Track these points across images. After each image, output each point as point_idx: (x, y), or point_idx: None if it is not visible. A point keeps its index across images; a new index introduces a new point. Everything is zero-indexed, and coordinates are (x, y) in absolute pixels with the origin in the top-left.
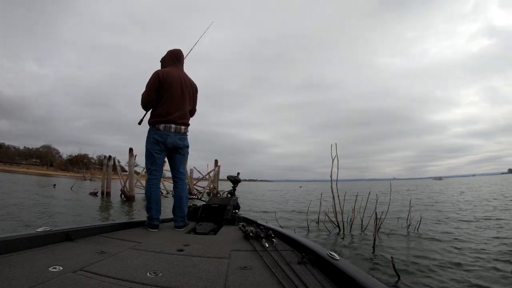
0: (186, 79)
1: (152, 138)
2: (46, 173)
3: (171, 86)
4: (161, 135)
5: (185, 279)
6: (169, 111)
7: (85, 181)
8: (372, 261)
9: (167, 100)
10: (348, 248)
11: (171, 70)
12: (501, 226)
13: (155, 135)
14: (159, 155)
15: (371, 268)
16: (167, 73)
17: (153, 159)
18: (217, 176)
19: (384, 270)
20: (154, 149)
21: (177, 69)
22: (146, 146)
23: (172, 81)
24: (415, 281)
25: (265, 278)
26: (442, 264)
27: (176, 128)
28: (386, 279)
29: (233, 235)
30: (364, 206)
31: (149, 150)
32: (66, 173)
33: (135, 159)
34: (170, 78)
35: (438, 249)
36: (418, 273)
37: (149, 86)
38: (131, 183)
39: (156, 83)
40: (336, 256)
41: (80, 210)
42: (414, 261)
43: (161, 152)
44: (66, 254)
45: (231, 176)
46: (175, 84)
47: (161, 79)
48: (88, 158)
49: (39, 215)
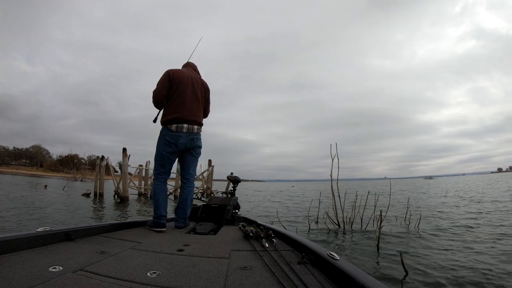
0: (197, 79)
1: (163, 139)
2: (36, 174)
3: (181, 84)
4: (173, 136)
5: (185, 279)
6: (181, 110)
7: (76, 181)
8: (377, 258)
9: (178, 99)
10: (351, 246)
11: (182, 70)
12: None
13: (166, 136)
14: (170, 157)
15: (376, 263)
16: (177, 72)
17: (163, 160)
18: (211, 177)
19: (390, 266)
20: (166, 151)
21: (188, 70)
22: (158, 147)
23: (182, 79)
24: (422, 276)
25: (265, 278)
26: (447, 260)
27: (189, 128)
28: (393, 275)
29: (233, 235)
30: (363, 204)
31: (161, 151)
32: (57, 174)
33: (128, 159)
34: (180, 77)
35: (440, 246)
36: (424, 269)
37: (159, 84)
38: (125, 183)
39: (166, 81)
40: (336, 256)
41: (78, 211)
42: (417, 257)
43: (172, 154)
44: (66, 254)
45: (231, 176)
46: (186, 83)
47: (171, 77)
48: (78, 159)
49: (35, 220)
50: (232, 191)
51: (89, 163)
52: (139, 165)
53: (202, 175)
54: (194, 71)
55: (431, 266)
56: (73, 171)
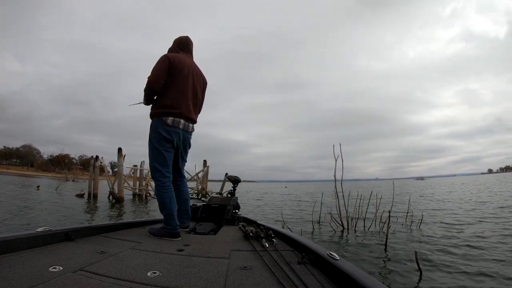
0: (197, 70)
1: (157, 133)
2: (27, 174)
3: (181, 73)
4: (169, 131)
5: (185, 279)
6: (178, 103)
7: (68, 182)
8: (386, 257)
9: (176, 89)
10: (356, 246)
11: (182, 57)
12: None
13: (162, 130)
14: (169, 153)
15: (385, 262)
16: (178, 58)
17: (162, 158)
18: (206, 177)
19: (400, 266)
20: (164, 147)
21: (187, 57)
22: (152, 143)
23: (182, 68)
24: (436, 275)
25: (265, 278)
26: (455, 259)
27: (185, 125)
28: (405, 274)
29: (233, 235)
30: (365, 204)
31: (157, 148)
32: (48, 174)
33: (124, 159)
34: (181, 65)
35: (445, 244)
36: (435, 269)
37: (157, 71)
38: (120, 184)
39: (166, 66)
40: (336, 256)
41: (74, 213)
42: (426, 256)
43: (171, 150)
44: (66, 254)
45: (232, 176)
46: (186, 73)
47: (171, 63)
48: (69, 158)
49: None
50: (232, 191)
51: (81, 163)
52: (134, 165)
53: (197, 176)
54: (190, 55)
55: (443, 265)
56: (65, 171)
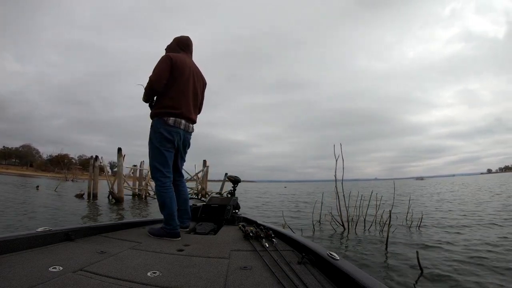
0: (197, 71)
1: (159, 133)
2: (26, 174)
3: (182, 74)
4: (170, 132)
5: (185, 279)
6: (179, 104)
7: (67, 182)
8: (386, 257)
9: (177, 90)
10: (357, 246)
11: (183, 57)
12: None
13: (163, 130)
14: (170, 153)
15: (386, 262)
16: (179, 58)
17: (163, 158)
18: (206, 177)
19: (401, 266)
20: (164, 147)
21: (187, 58)
22: (153, 143)
23: (184, 69)
24: (436, 274)
25: (265, 278)
26: (455, 258)
27: (186, 125)
28: (406, 274)
29: (233, 235)
30: (365, 205)
31: (158, 148)
32: (47, 174)
33: (123, 159)
34: (183, 65)
35: (445, 244)
36: (435, 268)
37: (159, 70)
38: (120, 184)
39: (168, 66)
40: (336, 256)
41: (74, 213)
42: (427, 256)
43: (172, 150)
44: (66, 254)
45: (232, 176)
46: (187, 73)
47: (173, 64)
48: (69, 158)
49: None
50: (232, 191)
51: (80, 163)
52: (133, 165)
53: (197, 176)
54: (190, 55)
55: (444, 264)
56: (64, 171)
